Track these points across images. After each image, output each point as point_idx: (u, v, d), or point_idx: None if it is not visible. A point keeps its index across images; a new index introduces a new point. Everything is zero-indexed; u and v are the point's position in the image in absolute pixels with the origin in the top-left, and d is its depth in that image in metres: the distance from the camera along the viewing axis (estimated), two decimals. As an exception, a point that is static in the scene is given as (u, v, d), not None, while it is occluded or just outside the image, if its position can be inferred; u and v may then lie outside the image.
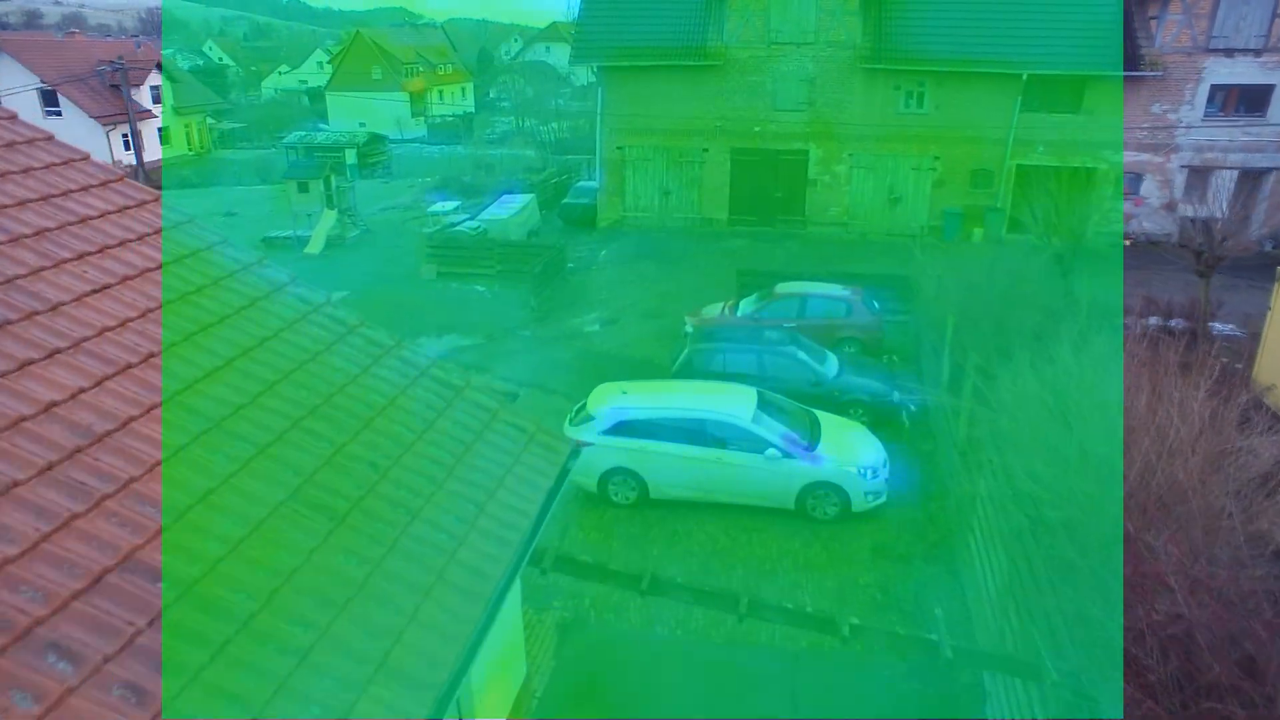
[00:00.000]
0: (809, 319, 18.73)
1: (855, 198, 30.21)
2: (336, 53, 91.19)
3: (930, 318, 18.57)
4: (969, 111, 28.40)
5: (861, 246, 29.48)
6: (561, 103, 76.66)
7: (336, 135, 58.23)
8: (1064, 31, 27.42)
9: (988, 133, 28.52)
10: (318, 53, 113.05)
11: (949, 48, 27.86)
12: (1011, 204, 29.20)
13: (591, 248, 29.82)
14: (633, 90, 30.07)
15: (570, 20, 63.55)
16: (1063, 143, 28.26)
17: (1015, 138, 28.40)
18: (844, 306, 18.78)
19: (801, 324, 18.71)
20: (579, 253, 29.34)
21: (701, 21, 29.61)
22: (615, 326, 22.33)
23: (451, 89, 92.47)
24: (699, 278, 26.03)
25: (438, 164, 56.85)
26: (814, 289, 19.33)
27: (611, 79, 30.22)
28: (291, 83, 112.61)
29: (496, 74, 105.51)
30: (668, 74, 29.60)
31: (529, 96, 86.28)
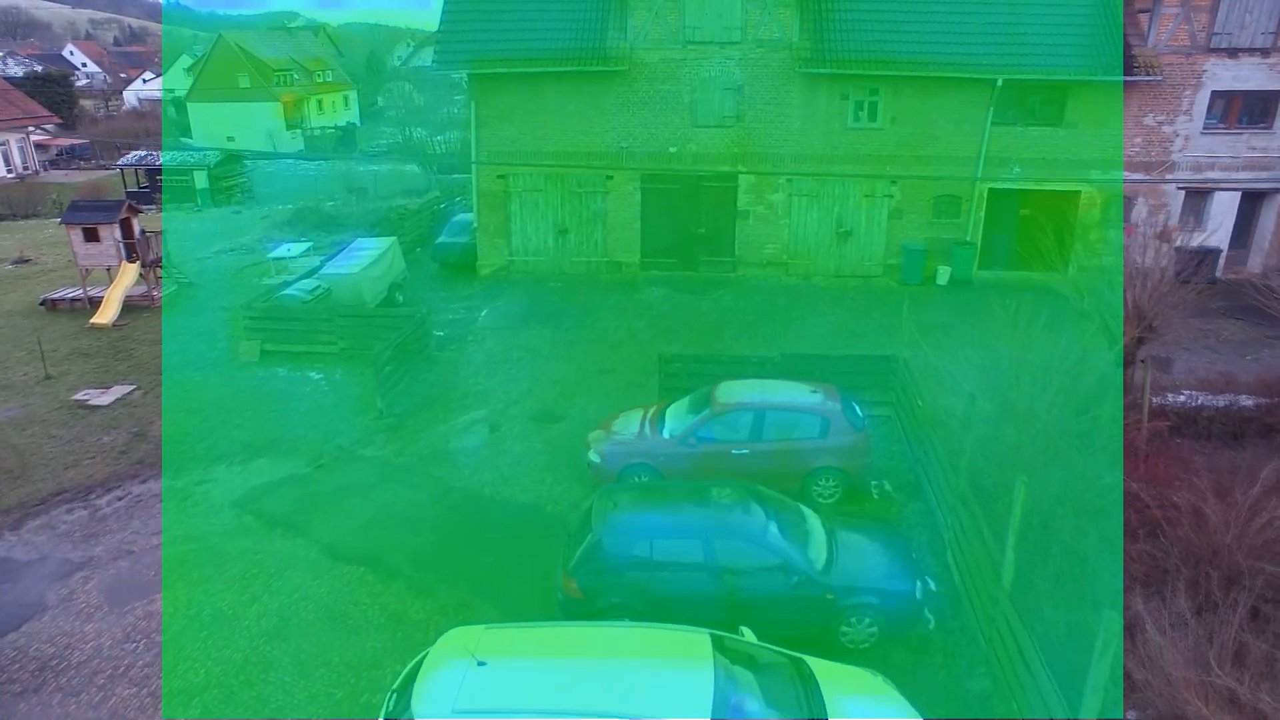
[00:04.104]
0: (768, 443, 12.90)
1: (796, 232, 24.64)
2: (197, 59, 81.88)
3: (931, 422, 13.05)
4: (932, 125, 23.18)
5: (806, 293, 23.93)
6: (456, 110, 69.55)
7: (184, 155, 49.96)
8: (1046, 28, 22.43)
9: (955, 151, 23.34)
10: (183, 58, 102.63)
11: (907, 47, 22.53)
12: (983, 236, 24.16)
13: (469, 306, 23.40)
14: (514, 104, 23.79)
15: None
16: (1042, 162, 23.31)
17: (987, 156, 23.29)
18: (817, 423, 12.96)
19: (757, 450, 12.89)
20: (451, 313, 22.90)
21: (599, 17, 23.59)
22: (495, 438, 16.04)
23: (333, 98, 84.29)
24: (606, 350, 20.01)
25: (312, 183, 49.40)
26: (772, 393, 13.45)
27: (486, 90, 23.89)
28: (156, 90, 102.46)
29: (385, 81, 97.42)
30: (558, 83, 23.44)
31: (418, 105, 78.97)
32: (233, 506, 14.09)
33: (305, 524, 13.50)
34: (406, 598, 11.65)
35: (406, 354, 18.57)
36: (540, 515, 13.43)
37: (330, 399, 18.11)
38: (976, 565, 10.14)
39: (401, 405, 17.41)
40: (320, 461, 15.53)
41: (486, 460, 15.19)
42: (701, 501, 10.70)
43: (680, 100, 23.68)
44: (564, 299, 23.46)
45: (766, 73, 23.20)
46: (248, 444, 16.20)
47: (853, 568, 10.24)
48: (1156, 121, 22.78)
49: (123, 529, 13.49)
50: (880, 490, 13.65)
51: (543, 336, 20.86)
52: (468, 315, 22.63)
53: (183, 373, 19.45)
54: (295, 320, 20.24)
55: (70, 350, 21.04)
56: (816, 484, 12.99)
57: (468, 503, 13.92)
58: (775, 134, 23.70)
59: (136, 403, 18.09)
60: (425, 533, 13.06)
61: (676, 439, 13.10)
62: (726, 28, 22.96)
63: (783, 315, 22.22)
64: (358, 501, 14.08)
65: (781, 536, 10.24)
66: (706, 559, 10.06)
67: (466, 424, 16.65)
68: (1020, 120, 23.08)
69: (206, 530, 13.38)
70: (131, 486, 14.83)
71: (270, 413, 17.54)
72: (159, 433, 16.68)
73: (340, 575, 12.14)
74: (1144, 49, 22.02)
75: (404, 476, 14.84)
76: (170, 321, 22.99)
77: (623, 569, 10.12)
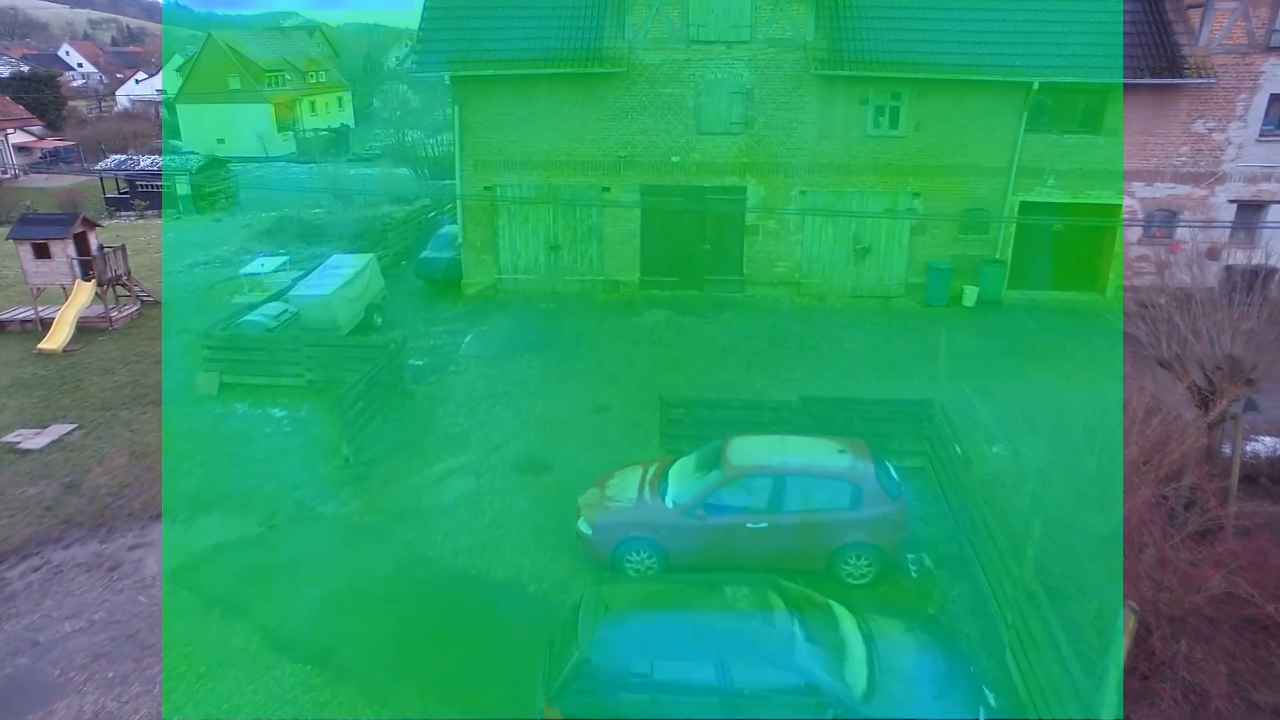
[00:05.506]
0: (790, 515, 10.91)
1: (809, 249, 22.64)
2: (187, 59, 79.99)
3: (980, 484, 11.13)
4: (959, 132, 21.20)
5: (820, 315, 21.95)
6: (450, 111, 67.63)
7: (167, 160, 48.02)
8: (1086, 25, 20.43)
9: (984, 160, 21.36)
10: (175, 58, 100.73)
11: (933, 47, 20.54)
12: (1014, 253, 22.19)
13: (451, 330, 21.41)
14: (502, 108, 21.80)
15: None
16: (1078, 173, 21.33)
17: (1019, 166, 21.30)
18: (847, 491, 10.97)
19: (776, 523, 10.91)
20: (432, 338, 20.93)
21: (594, 14, 21.61)
22: (472, 494, 14.06)
23: (326, 99, 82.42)
24: (602, 383, 18.05)
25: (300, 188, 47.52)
26: (794, 454, 11.45)
27: (471, 94, 21.88)
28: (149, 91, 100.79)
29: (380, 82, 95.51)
30: (550, 86, 21.46)
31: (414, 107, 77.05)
32: (168, 579, 12.15)
33: (249, 603, 11.57)
34: (358, 706, 9.71)
35: (379, 388, 16.60)
36: (521, 596, 11.46)
37: (292, 442, 16.14)
38: (1054, 688, 8.17)
39: (371, 450, 15.45)
40: (274, 521, 13.56)
41: (462, 522, 13.22)
42: (713, 604, 8.73)
43: (683, 105, 21.68)
44: (556, 322, 21.47)
45: (778, 75, 21.19)
46: (194, 497, 14.25)
47: (899, 692, 8.27)
48: (1207, 128, 20.79)
49: (32, 610, 11.52)
50: (919, 566, 11.67)
51: (531, 367, 18.89)
52: (450, 341, 20.64)
53: (132, 409, 17.50)
54: (258, 350, 18.28)
55: (10, 380, 19.08)
56: (846, 563, 11.02)
57: (438, 577, 11.96)
58: (787, 142, 21.70)
59: (74, 445, 16.11)
60: (386, 617, 11.12)
61: (681, 508, 11.12)
62: (734, 26, 20.96)
63: (796, 341, 20.25)
64: (312, 574, 12.13)
65: (812, 652, 8.28)
66: (719, 681, 8.10)
67: (441, 474, 14.66)
68: (1056, 127, 21.06)
69: (131, 612, 11.43)
70: (53, 553, 12.87)
71: (224, 457, 15.58)
72: (94, 484, 14.73)
73: (282, 676, 10.21)
74: (1195, 49, 20.03)
75: (367, 542, 12.87)
76: (126, 347, 21.03)
77: (616, 692, 8.17)
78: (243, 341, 18.44)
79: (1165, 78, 19.99)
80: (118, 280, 23.40)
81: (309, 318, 19.91)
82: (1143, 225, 21.59)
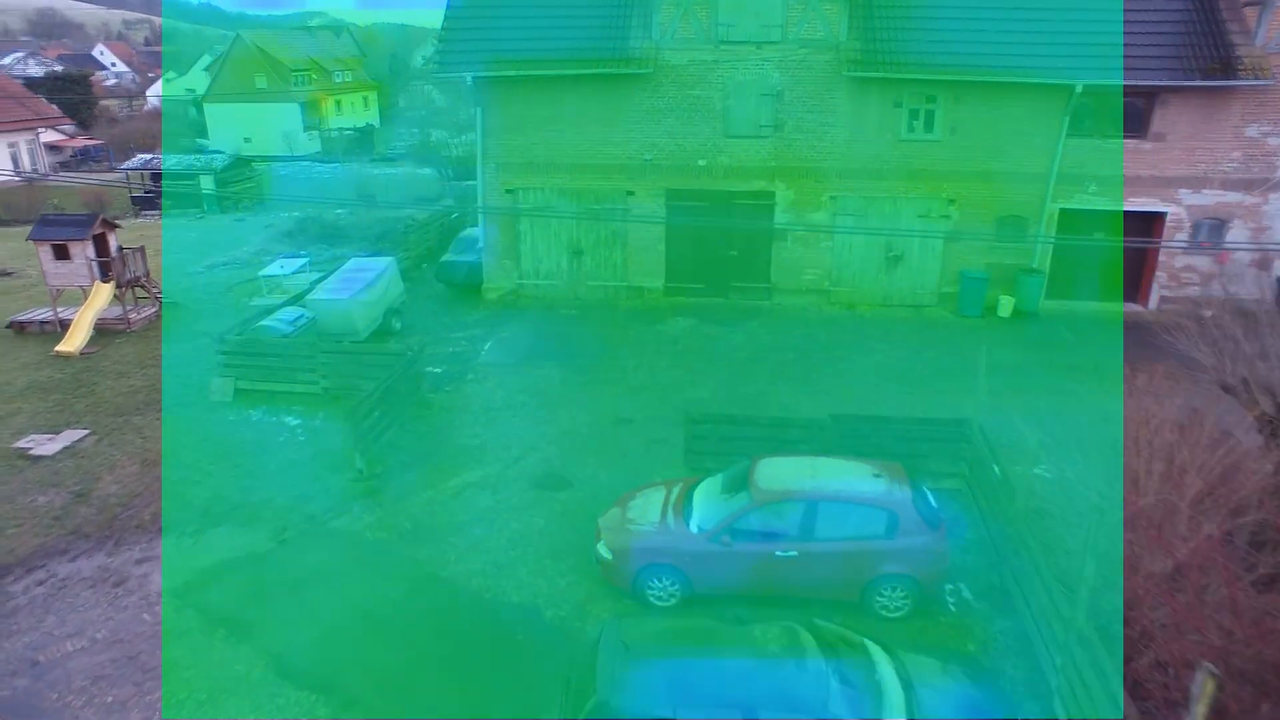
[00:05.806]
0: (822, 543, 10.30)
1: (840, 256, 21.97)
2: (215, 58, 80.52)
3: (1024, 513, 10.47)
4: (997, 137, 20.46)
5: (850, 325, 21.27)
6: (473, 112, 67.48)
7: (190, 159, 48.14)
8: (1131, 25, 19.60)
9: (1022, 166, 20.59)
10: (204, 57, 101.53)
11: (970, 48, 19.80)
12: (1052, 262, 21.40)
13: (471, 337, 20.95)
14: (525, 110, 21.33)
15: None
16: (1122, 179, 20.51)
17: (1060, 173, 20.51)
18: (882, 518, 10.34)
19: (808, 551, 10.31)
20: (451, 344, 20.47)
21: (621, 14, 21.07)
22: (489, 511, 13.55)
23: (352, 99, 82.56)
24: (624, 394, 17.50)
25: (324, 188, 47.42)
26: (826, 478, 10.83)
27: (494, 95, 21.42)
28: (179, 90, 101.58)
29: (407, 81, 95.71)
30: (574, 87, 20.96)
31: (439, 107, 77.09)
32: (173, 596, 11.75)
33: (254, 625, 11.12)
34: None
35: (395, 397, 16.16)
36: (538, 621, 10.93)
37: (306, 452, 15.73)
38: None
39: (385, 462, 14.99)
40: (284, 535, 13.14)
41: (477, 540, 12.71)
42: (740, 647, 8.14)
43: (711, 107, 21.11)
44: (577, 330, 20.97)
45: (809, 76, 20.55)
46: (204, 509, 13.86)
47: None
48: (1261, 133, 19.88)
49: (34, 628, 11.15)
50: (957, 598, 11.01)
51: (552, 376, 18.37)
52: (469, 348, 20.18)
53: (144, 415, 17.19)
54: (274, 356, 17.91)
55: (27, 383, 18.86)
56: (880, 594, 10.39)
57: (451, 599, 11.46)
58: (818, 146, 21.05)
59: (86, 452, 15.81)
60: (396, 643, 10.63)
61: (707, 534, 10.54)
62: (764, 26, 20.34)
63: (824, 352, 19.60)
64: (321, 594, 11.67)
65: (846, 698, 7.68)
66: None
67: (457, 489, 14.17)
68: (1099, 132, 20.26)
69: (135, 631, 11.03)
70: (58, 565, 12.52)
71: (236, 467, 15.20)
72: (104, 493, 14.39)
73: (286, 705, 9.75)
74: (1251, 49, 19.15)
75: (379, 559, 12.41)
76: (144, 349, 20.78)
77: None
78: (258, 347, 18.08)
79: (1218, 79, 19.13)
80: (136, 281, 23.20)
81: (327, 323, 19.55)
82: (1189, 234, 20.73)
